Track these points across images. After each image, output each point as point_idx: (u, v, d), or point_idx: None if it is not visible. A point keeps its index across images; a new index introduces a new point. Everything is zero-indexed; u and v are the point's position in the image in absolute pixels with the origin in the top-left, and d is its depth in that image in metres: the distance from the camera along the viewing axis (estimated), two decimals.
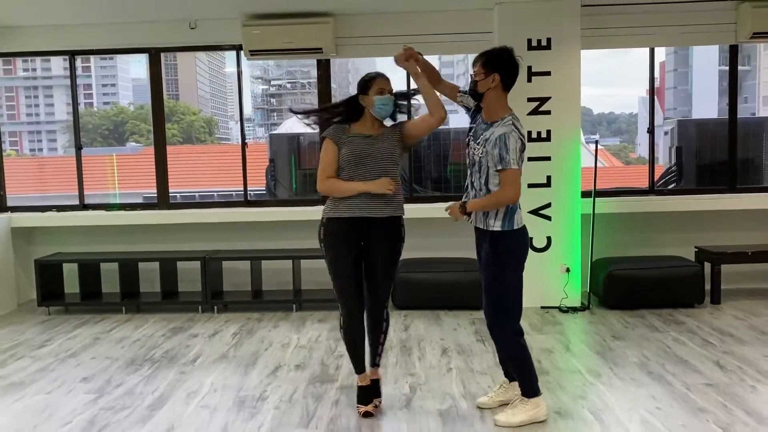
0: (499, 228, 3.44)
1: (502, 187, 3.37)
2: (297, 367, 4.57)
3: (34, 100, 51.95)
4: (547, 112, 5.89)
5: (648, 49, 6.52)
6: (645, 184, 6.75)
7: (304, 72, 44.55)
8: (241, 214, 6.61)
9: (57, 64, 47.55)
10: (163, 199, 6.83)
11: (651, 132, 6.71)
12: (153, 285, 6.54)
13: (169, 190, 6.83)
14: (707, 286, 6.02)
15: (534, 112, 5.86)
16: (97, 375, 4.50)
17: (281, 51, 6.33)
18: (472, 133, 3.56)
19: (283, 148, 8.21)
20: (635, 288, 5.89)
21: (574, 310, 5.89)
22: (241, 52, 6.48)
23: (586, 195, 6.08)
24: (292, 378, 4.36)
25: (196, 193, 12.49)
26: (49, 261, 6.34)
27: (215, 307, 6.22)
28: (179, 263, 6.46)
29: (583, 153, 6.44)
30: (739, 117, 6.57)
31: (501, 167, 3.34)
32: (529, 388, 3.57)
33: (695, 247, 6.34)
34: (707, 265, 6.09)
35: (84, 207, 6.86)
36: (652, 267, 5.97)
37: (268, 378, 4.37)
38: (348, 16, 6.33)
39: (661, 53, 37.55)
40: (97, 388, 4.24)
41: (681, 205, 6.46)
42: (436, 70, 3.71)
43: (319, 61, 6.63)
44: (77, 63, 6.94)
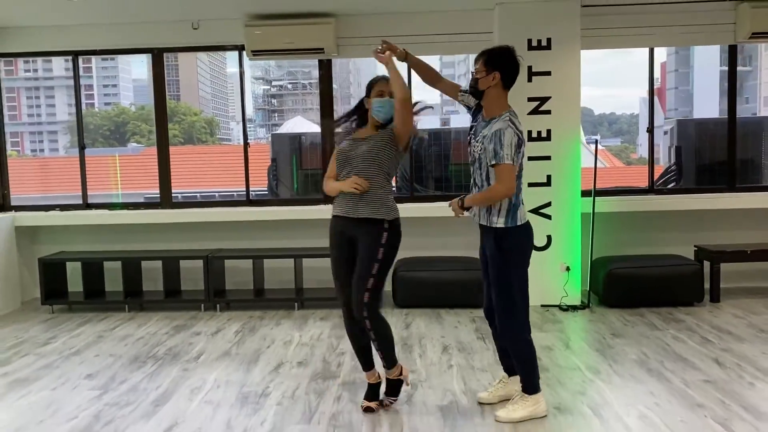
0: (502, 225, 3.48)
1: (497, 181, 3.41)
2: (299, 364, 4.61)
3: (36, 100, 52.00)
4: (548, 112, 5.93)
5: (648, 50, 6.56)
6: (645, 184, 6.79)
7: (305, 72, 44.58)
8: (244, 214, 6.65)
9: (58, 64, 47.59)
10: (165, 199, 6.87)
11: (651, 132, 6.75)
12: (156, 284, 6.58)
13: (171, 190, 6.88)
14: (706, 285, 6.05)
15: (534, 112, 5.89)
16: (101, 372, 4.54)
17: (283, 51, 6.38)
18: (473, 132, 3.60)
19: (285, 147, 8.22)
20: (635, 286, 5.92)
21: (574, 308, 5.92)
22: (244, 53, 6.53)
23: (586, 194, 6.12)
24: (295, 375, 4.40)
25: (198, 194, 12.52)
26: (52, 260, 6.38)
27: (218, 305, 6.26)
28: (182, 262, 6.50)
29: (583, 153, 6.47)
30: (738, 117, 6.62)
31: (495, 162, 3.38)
32: (530, 384, 3.60)
33: (695, 246, 6.37)
34: (706, 264, 6.12)
35: (87, 206, 6.91)
36: (652, 266, 6.00)
37: (271, 375, 4.41)
38: (349, 17, 6.37)
39: (662, 54, 37.52)
40: (102, 384, 4.29)
41: (680, 204, 6.49)
42: (433, 69, 3.75)
43: (320, 62, 6.67)
44: (78, 63, 6.97)
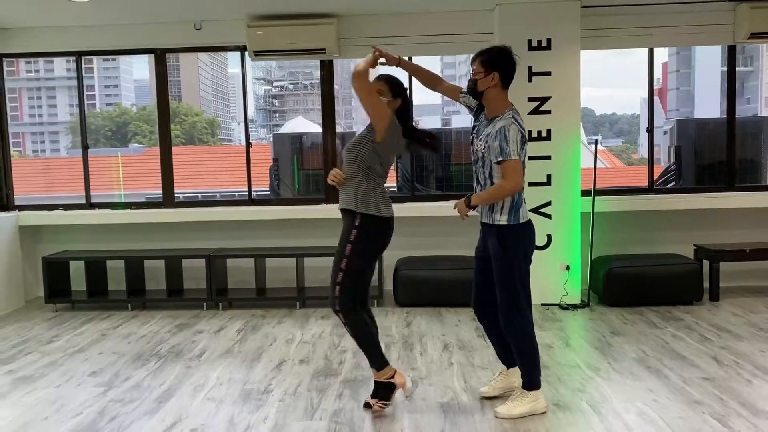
0: (505, 222, 3.52)
1: (503, 177, 3.45)
2: (301, 362, 4.65)
3: (37, 101, 52.09)
4: (548, 112, 5.96)
5: (647, 50, 6.60)
6: (645, 184, 6.83)
7: (306, 73, 44.67)
8: (246, 213, 6.69)
9: (60, 65, 47.69)
10: (168, 198, 6.92)
11: (650, 132, 6.79)
12: (158, 283, 6.63)
13: (174, 189, 6.92)
14: (706, 284, 6.09)
15: (534, 112, 5.93)
16: (105, 369, 4.58)
17: (285, 52, 6.41)
18: (475, 131, 3.65)
19: (286, 147, 8.23)
20: (634, 285, 5.96)
21: (574, 307, 5.96)
22: (246, 53, 6.58)
23: (586, 194, 6.16)
24: (297, 372, 4.44)
25: (199, 194, 12.57)
26: (56, 259, 6.43)
27: (220, 304, 6.30)
28: (184, 261, 6.54)
29: (584, 153, 6.51)
30: (737, 117, 6.65)
31: (501, 158, 3.42)
32: (531, 380, 3.64)
33: (694, 245, 6.41)
34: (706, 263, 6.15)
35: (90, 206, 6.95)
36: (652, 265, 6.04)
37: (273, 372, 4.45)
38: (351, 17, 6.42)
39: (664, 54, 37.52)
40: (106, 381, 4.33)
41: (680, 204, 6.53)
42: (433, 72, 3.83)
43: (322, 62, 6.71)
44: (81, 64, 7.01)
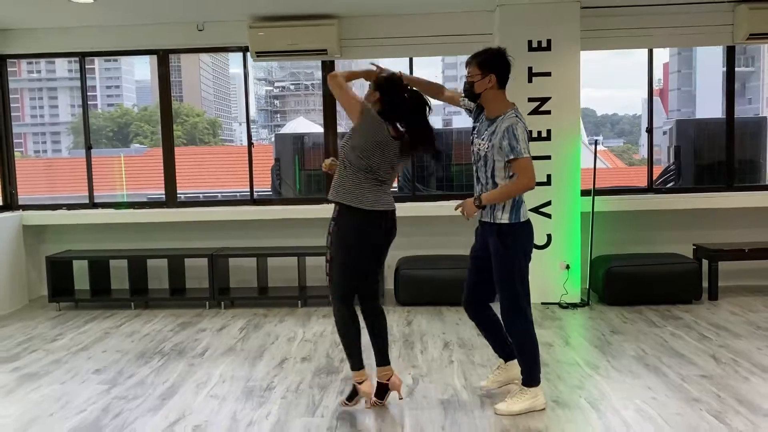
0: (507, 221, 3.57)
1: (518, 175, 3.50)
2: (303, 360, 4.70)
3: (39, 101, 52.19)
4: (548, 112, 6.01)
5: (647, 51, 6.64)
6: (645, 184, 6.86)
7: (307, 74, 44.75)
8: (248, 213, 6.74)
9: (61, 65, 47.78)
10: (171, 198, 6.96)
11: (650, 132, 6.83)
12: (161, 282, 6.67)
13: (177, 189, 6.96)
14: (705, 283, 6.12)
15: (534, 112, 5.97)
16: (108, 367, 4.63)
17: (287, 52, 6.46)
18: (476, 132, 3.70)
19: (288, 148, 8.26)
20: (634, 284, 6.00)
21: (574, 306, 5.99)
22: (248, 54, 6.62)
23: (585, 194, 6.19)
24: (299, 369, 4.48)
25: (201, 194, 12.59)
26: (59, 258, 6.47)
27: (222, 303, 6.34)
28: (187, 260, 6.59)
29: (585, 153, 6.55)
30: (736, 117, 6.69)
31: (513, 156, 3.46)
32: (530, 377, 3.68)
33: (693, 244, 6.44)
34: (705, 262, 6.19)
35: (94, 205, 7.00)
36: (651, 264, 6.07)
37: (275, 369, 4.49)
38: (352, 18, 6.46)
39: (665, 55, 37.55)
40: (110, 379, 4.38)
41: (679, 204, 6.57)
42: (434, 82, 3.94)
43: (323, 62, 6.76)
44: (84, 65, 7.06)
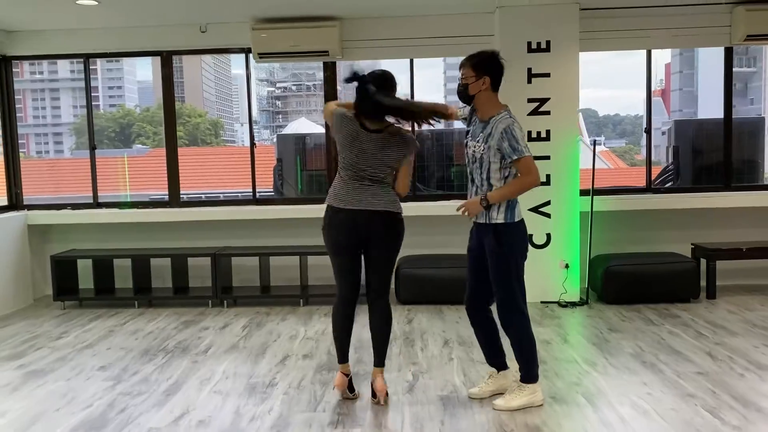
0: (502, 220, 3.63)
1: (523, 174, 3.56)
2: (304, 357, 4.76)
3: (41, 102, 52.29)
4: (547, 113, 6.06)
5: (647, 51, 6.69)
6: (644, 184, 6.92)
7: (309, 74, 44.79)
8: (250, 212, 6.80)
9: (64, 67, 47.84)
10: (174, 197, 7.03)
11: (648, 132, 6.88)
12: (164, 280, 6.73)
13: (180, 189, 7.03)
14: (703, 282, 6.18)
15: (534, 113, 6.03)
16: (113, 364, 4.70)
17: (289, 54, 6.53)
18: (470, 135, 3.76)
19: (290, 148, 8.31)
20: (632, 283, 6.05)
21: (573, 304, 6.05)
22: (250, 55, 6.69)
23: (584, 193, 6.25)
24: (300, 366, 4.55)
25: (203, 195, 12.64)
26: (64, 257, 6.54)
27: (225, 301, 6.41)
28: (190, 259, 6.65)
29: (586, 153, 6.60)
30: (734, 117, 6.74)
31: (516, 157, 3.52)
32: (528, 373, 3.74)
33: (691, 243, 6.49)
34: (703, 262, 6.24)
35: (98, 205, 7.07)
36: (649, 263, 6.12)
37: (277, 366, 4.56)
38: (353, 20, 6.52)
39: (667, 55, 37.52)
40: (114, 375, 4.45)
41: (677, 203, 6.62)
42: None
43: (325, 64, 6.82)
44: (88, 66, 7.13)
